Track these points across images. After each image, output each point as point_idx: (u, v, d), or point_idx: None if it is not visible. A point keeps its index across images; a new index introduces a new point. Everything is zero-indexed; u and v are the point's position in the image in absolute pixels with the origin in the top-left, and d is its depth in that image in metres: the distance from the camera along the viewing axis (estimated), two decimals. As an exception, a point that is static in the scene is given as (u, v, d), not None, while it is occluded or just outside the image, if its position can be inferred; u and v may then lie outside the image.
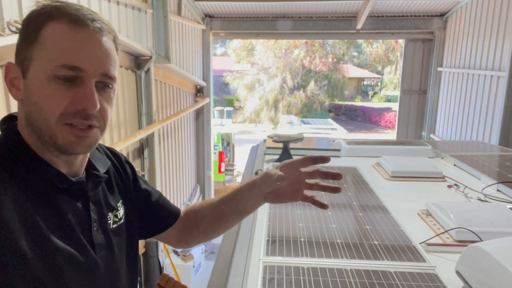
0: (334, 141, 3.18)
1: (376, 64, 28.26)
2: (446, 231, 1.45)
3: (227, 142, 10.05)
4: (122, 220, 0.80)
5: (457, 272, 1.15)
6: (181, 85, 6.31)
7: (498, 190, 2.01)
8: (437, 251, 1.37)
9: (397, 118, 7.59)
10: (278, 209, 1.65)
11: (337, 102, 23.79)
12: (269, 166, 2.36)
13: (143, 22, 4.34)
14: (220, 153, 8.80)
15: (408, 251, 1.30)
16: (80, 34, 0.64)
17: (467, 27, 5.86)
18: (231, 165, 9.83)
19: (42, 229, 0.62)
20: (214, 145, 8.47)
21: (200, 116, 7.71)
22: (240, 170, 9.54)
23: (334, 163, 2.54)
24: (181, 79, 6.28)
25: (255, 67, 22.54)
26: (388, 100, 27.29)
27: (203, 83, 7.47)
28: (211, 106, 7.88)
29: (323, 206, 0.93)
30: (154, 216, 0.91)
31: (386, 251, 1.29)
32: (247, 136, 13.08)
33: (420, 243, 1.37)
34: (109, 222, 0.76)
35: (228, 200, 0.93)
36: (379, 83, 30.74)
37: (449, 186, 2.09)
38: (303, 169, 0.89)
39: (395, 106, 22.29)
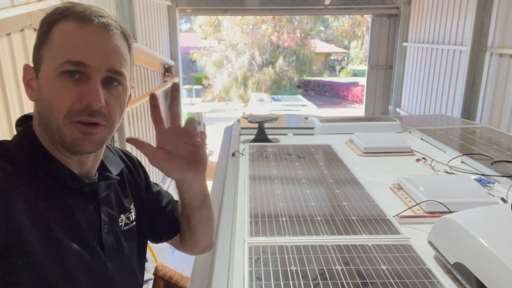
0: (306, 119, 3.23)
1: (342, 39, 28.49)
2: (417, 204, 1.54)
3: (198, 121, 9.92)
4: (134, 223, 0.79)
5: (429, 242, 1.24)
6: (148, 65, 6.12)
7: (462, 162, 2.13)
8: (410, 222, 1.46)
9: (365, 93, 7.77)
10: (258, 190, 1.68)
11: (305, 77, 23.93)
12: (245, 146, 2.38)
13: (106, 0, 4.13)
14: (192, 133, 8.70)
15: (383, 225, 1.37)
16: (86, 30, 0.64)
17: (431, 2, 5.99)
18: (203, 145, 9.76)
19: (53, 229, 0.62)
20: (185, 125, 8.35)
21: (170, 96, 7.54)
22: (212, 149, 9.51)
23: (308, 141, 2.60)
24: (149, 58, 6.08)
25: (222, 43, 22.13)
26: (355, 74, 27.76)
27: (171, 62, 7.28)
28: (181, 85, 7.72)
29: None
30: (164, 221, 0.90)
31: (363, 226, 1.36)
32: (218, 114, 12.97)
33: (393, 216, 1.45)
34: (120, 224, 0.75)
35: (182, 204, 0.86)
36: (346, 58, 31.11)
37: (418, 160, 2.20)
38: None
39: (362, 80, 22.73)
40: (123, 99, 0.69)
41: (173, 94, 0.73)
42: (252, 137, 2.62)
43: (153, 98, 0.71)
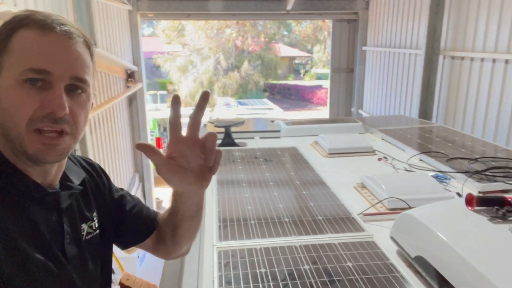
0: (273, 122, 3.27)
1: (305, 43, 29.06)
2: (380, 201, 1.60)
3: (163, 127, 9.77)
4: (97, 231, 0.78)
5: (392, 238, 1.29)
6: (110, 71, 5.95)
7: (420, 160, 2.24)
8: (373, 220, 1.52)
9: (328, 95, 7.97)
10: (226, 194, 1.69)
11: (271, 81, 24.18)
12: (212, 151, 2.37)
13: (63, 4, 3.98)
14: (158, 139, 8.54)
15: (348, 223, 1.42)
16: (48, 38, 0.63)
17: (387, 8, 6.26)
18: (169, 151, 9.60)
19: (15, 238, 0.60)
20: (151, 131, 8.20)
21: (134, 102, 7.37)
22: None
23: (275, 144, 2.63)
24: (110, 64, 5.92)
25: (186, 48, 21.92)
26: (319, 78, 28.39)
27: (134, 68, 7.11)
28: (145, 91, 7.57)
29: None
30: (130, 226, 0.88)
31: (330, 225, 1.40)
32: (185, 119, 12.82)
33: (358, 214, 1.50)
34: (82, 233, 0.74)
35: (173, 212, 0.84)
36: (309, 62, 31.75)
37: (379, 159, 2.29)
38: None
39: (325, 83, 23.28)
40: (86, 106, 0.68)
41: (202, 102, 0.69)
42: (219, 141, 2.61)
43: (176, 101, 0.67)
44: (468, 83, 4.14)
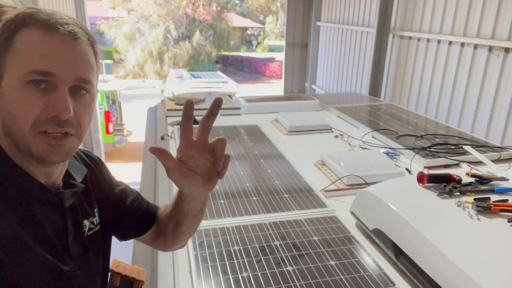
0: (231, 98, 3.29)
1: (258, 14, 28.69)
2: (339, 179, 1.72)
3: (112, 100, 9.33)
4: (98, 226, 0.78)
5: (352, 213, 1.41)
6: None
7: (373, 137, 2.40)
8: (334, 195, 1.63)
9: (283, 70, 8.04)
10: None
11: (223, 52, 23.73)
12: (173, 129, 2.35)
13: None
14: (106, 113, 8.16)
15: (312, 199, 1.51)
16: (51, 39, 0.61)
17: (341, -16, 6.35)
18: (120, 125, 9.23)
19: (21, 239, 0.59)
20: (99, 104, 7.81)
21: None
22: (130, 129, 9.07)
23: (235, 122, 2.66)
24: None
25: (133, 14, 20.68)
26: (271, 50, 28.36)
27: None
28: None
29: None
30: (130, 220, 0.88)
31: (295, 202, 1.49)
32: (133, 91, 12.30)
33: (320, 191, 1.60)
34: (84, 229, 0.73)
35: (177, 210, 0.84)
36: (262, 33, 31.50)
37: (336, 136, 2.42)
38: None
39: (278, 56, 23.30)
40: (91, 107, 0.67)
41: (214, 109, 0.70)
42: (179, 118, 2.59)
43: (189, 107, 0.68)
44: (414, 63, 4.39)
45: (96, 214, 0.77)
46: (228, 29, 22.74)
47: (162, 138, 2.23)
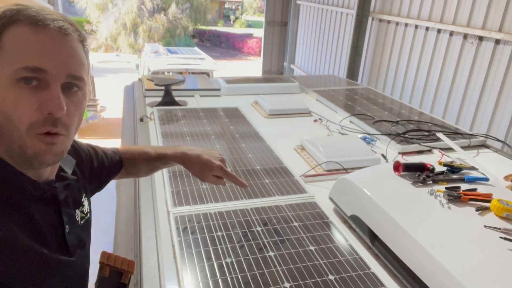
0: (208, 75, 3.25)
1: (237, -12, 27.97)
2: (319, 165, 1.76)
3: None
4: (88, 215, 0.79)
5: (330, 199, 1.46)
6: (19, 8, 5.21)
7: (351, 122, 2.45)
8: (313, 181, 1.68)
9: (262, 48, 7.97)
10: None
11: (200, 27, 23.13)
12: (153, 110, 2.32)
13: None
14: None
15: (292, 185, 1.55)
16: (42, 35, 0.59)
17: (322, -38, 6.27)
18: (93, 100, 8.94)
19: (18, 237, 0.59)
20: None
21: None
22: (104, 105, 8.80)
23: (215, 103, 2.65)
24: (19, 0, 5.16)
25: (105, -17, 19.68)
26: (249, 25, 27.88)
27: (50, 6, 6.30)
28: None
29: (243, 185, 1.12)
30: (105, 175, 1.00)
31: (276, 187, 1.52)
32: (107, 65, 11.88)
33: (300, 176, 1.65)
34: (77, 219, 0.74)
35: (159, 159, 1.07)
36: (240, 7, 30.84)
37: (315, 120, 2.46)
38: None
39: (256, 32, 22.96)
40: (82, 105, 0.66)
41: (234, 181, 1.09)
42: (158, 99, 2.55)
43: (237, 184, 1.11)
44: (391, 47, 4.46)
45: (84, 203, 0.78)
46: (205, 2, 22.09)
47: (141, 120, 2.20)
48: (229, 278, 1.03)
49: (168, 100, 2.48)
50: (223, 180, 1.07)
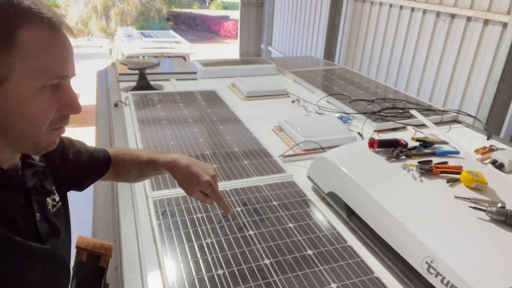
0: (184, 59, 3.19)
1: (211, -32, 27.29)
2: (297, 144, 1.78)
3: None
4: (60, 203, 0.77)
5: (308, 177, 1.48)
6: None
7: (328, 102, 2.48)
8: (291, 160, 1.70)
9: (239, 31, 7.86)
10: (151, 141, 1.69)
11: (174, 9, 22.55)
12: (127, 95, 2.27)
13: None
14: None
15: (271, 165, 1.57)
16: (59, 40, 0.62)
17: None
18: (66, 87, 8.66)
19: None
20: (41, 65, 7.22)
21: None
22: (77, 91, 8.53)
23: (192, 87, 2.61)
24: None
25: (73, -36, 18.81)
26: (225, 7, 27.37)
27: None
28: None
29: (227, 210, 0.97)
30: (87, 174, 0.96)
31: (255, 168, 1.53)
32: (79, 50, 11.46)
33: (278, 157, 1.66)
34: (48, 207, 0.73)
35: (149, 163, 0.99)
36: (215, -11, 30.13)
37: (293, 102, 2.47)
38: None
39: (232, 14, 22.57)
40: None
41: (218, 202, 0.95)
42: (132, 84, 2.50)
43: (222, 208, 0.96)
44: (367, 27, 4.49)
45: (55, 191, 0.77)
46: (179, -16, 21.50)
47: (116, 105, 2.15)
48: (209, 258, 1.04)
49: (143, 84, 2.43)
50: (210, 199, 0.94)
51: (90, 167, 0.95)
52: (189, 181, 0.93)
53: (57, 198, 0.77)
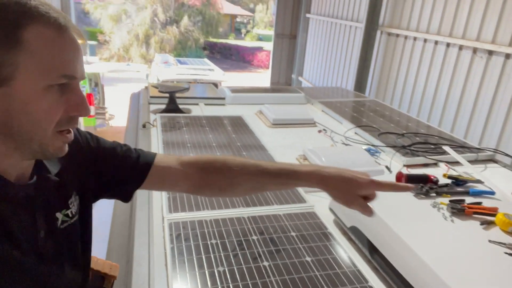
0: (216, 86, 3.25)
1: (248, 2, 28.40)
2: (320, 174, 1.73)
3: (95, 82, 9.10)
4: (75, 217, 0.74)
5: (330, 209, 1.42)
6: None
7: (356, 133, 2.42)
8: (314, 191, 1.63)
9: (271, 61, 8.01)
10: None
11: (211, 39, 23.43)
12: (156, 117, 2.32)
13: None
14: (88, 95, 7.95)
15: (292, 195, 1.52)
16: (66, 40, 0.61)
17: (332, -23, 6.32)
18: (102, 108, 9.04)
19: None
20: (81, 87, 7.60)
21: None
22: (112, 113, 8.89)
23: (220, 112, 2.64)
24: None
25: (120, -5, 20.15)
26: (260, 39, 28.15)
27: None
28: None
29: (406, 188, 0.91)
30: (114, 174, 0.85)
31: (275, 196, 1.49)
32: (118, 74, 12.03)
33: (300, 186, 1.61)
34: (57, 223, 0.70)
35: (275, 177, 0.88)
36: (251, 21, 31.21)
37: (319, 131, 2.43)
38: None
39: (266, 45, 23.15)
40: None
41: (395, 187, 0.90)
42: (162, 106, 2.55)
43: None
44: (400, 60, 4.44)
45: (71, 206, 0.74)
46: (217, 16, 22.43)
47: (144, 126, 2.20)
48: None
49: (172, 107, 2.48)
50: (371, 209, 0.87)
51: (124, 169, 0.86)
52: (348, 189, 0.86)
53: (71, 213, 0.74)
